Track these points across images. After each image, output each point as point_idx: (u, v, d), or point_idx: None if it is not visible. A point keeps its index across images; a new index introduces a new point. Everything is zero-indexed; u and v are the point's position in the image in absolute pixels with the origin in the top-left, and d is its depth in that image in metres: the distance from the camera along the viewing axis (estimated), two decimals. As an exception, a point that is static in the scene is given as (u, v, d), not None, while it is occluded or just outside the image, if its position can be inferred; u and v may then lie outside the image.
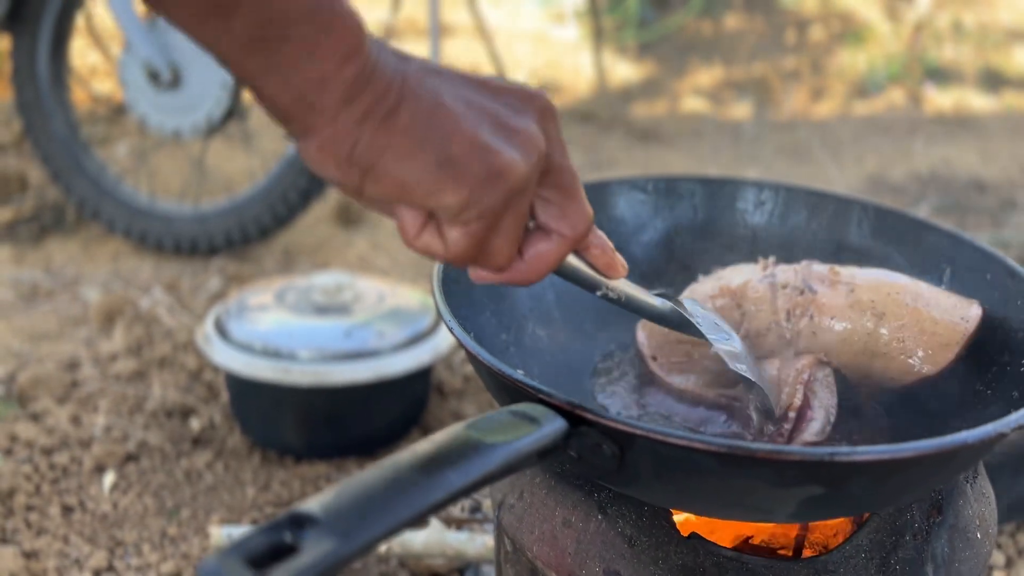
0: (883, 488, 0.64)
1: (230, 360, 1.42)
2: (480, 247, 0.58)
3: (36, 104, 2.31)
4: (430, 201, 0.55)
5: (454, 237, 0.57)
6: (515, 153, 0.55)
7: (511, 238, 0.58)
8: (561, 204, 0.60)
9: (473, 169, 0.54)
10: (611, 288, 0.69)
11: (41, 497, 1.38)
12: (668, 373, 0.87)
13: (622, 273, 0.69)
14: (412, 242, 0.58)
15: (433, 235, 0.58)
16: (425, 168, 0.54)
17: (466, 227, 0.56)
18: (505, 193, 0.55)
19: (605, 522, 0.74)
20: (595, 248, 0.66)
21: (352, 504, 0.49)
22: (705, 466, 0.61)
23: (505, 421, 0.60)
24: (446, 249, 0.58)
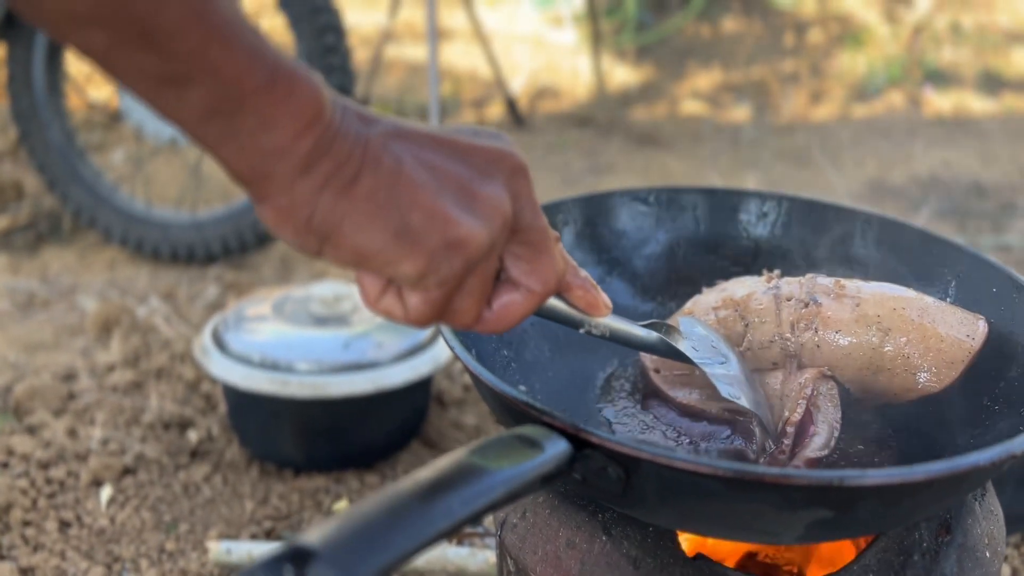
0: (892, 510, 0.63)
1: (228, 372, 1.41)
2: (441, 310, 0.58)
3: (32, 112, 2.29)
4: (388, 270, 0.55)
5: (414, 303, 0.57)
6: (475, 222, 0.55)
7: (475, 299, 0.58)
8: (530, 260, 0.60)
9: (432, 239, 0.54)
10: (594, 325, 0.69)
11: (38, 512, 1.37)
12: (671, 386, 0.86)
13: (605, 313, 0.68)
14: (373, 305, 0.58)
15: (394, 299, 0.58)
16: (383, 237, 0.53)
17: (426, 293, 0.56)
18: (464, 262, 0.55)
19: (610, 543, 0.73)
20: (577, 289, 0.66)
21: (353, 537, 0.48)
22: (711, 490, 0.60)
23: (508, 445, 0.59)
24: (406, 313, 0.58)
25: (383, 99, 3.51)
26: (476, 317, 0.59)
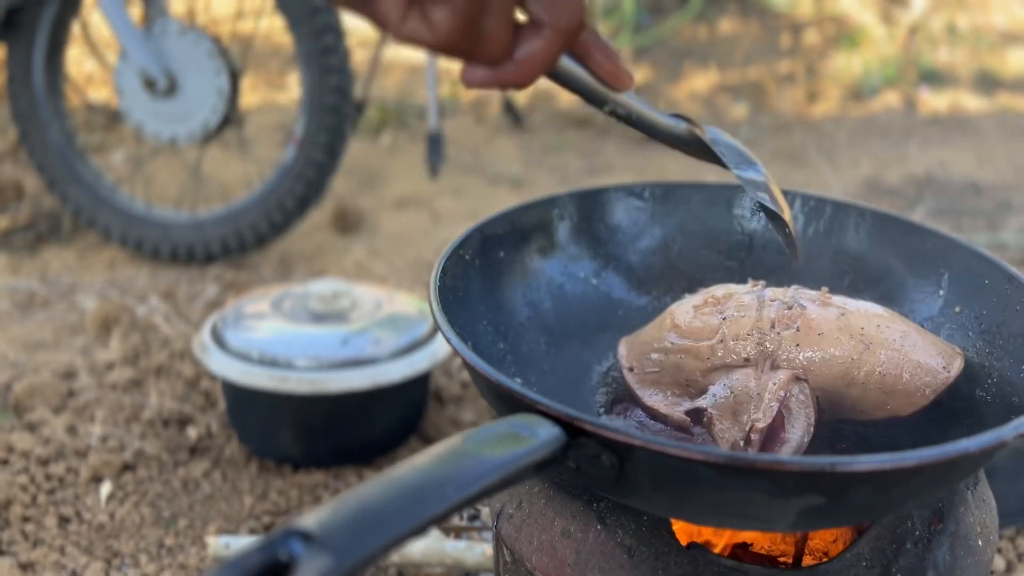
0: (884, 497, 0.64)
1: (227, 369, 1.42)
2: (469, 30, 0.54)
3: (32, 113, 2.30)
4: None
5: (440, 17, 0.53)
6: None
7: (502, 18, 0.55)
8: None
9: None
10: (618, 103, 0.65)
11: (37, 508, 1.37)
12: (640, 386, 0.85)
13: (629, 84, 0.64)
14: (398, 29, 0.54)
15: (418, 20, 0.54)
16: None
17: (451, 4, 0.53)
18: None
19: (604, 532, 0.74)
20: (597, 53, 0.62)
21: (348, 520, 0.48)
22: (704, 477, 0.61)
23: (502, 433, 0.60)
24: (434, 33, 0.54)
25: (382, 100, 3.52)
26: (504, 44, 0.55)
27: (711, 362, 0.82)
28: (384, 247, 2.44)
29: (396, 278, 2.24)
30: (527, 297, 0.95)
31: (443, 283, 0.81)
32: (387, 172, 2.98)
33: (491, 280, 0.92)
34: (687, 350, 0.84)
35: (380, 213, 2.65)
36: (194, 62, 2.08)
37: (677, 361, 0.84)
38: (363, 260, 2.34)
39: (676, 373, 0.84)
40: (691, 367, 0.83)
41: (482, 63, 0.57)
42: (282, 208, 2.16)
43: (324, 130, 2.11)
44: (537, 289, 0.96)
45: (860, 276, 0.98)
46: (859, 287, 0.98)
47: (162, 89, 2.10)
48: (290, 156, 2.15)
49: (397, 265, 2.33)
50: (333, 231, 2.53)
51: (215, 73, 2.08)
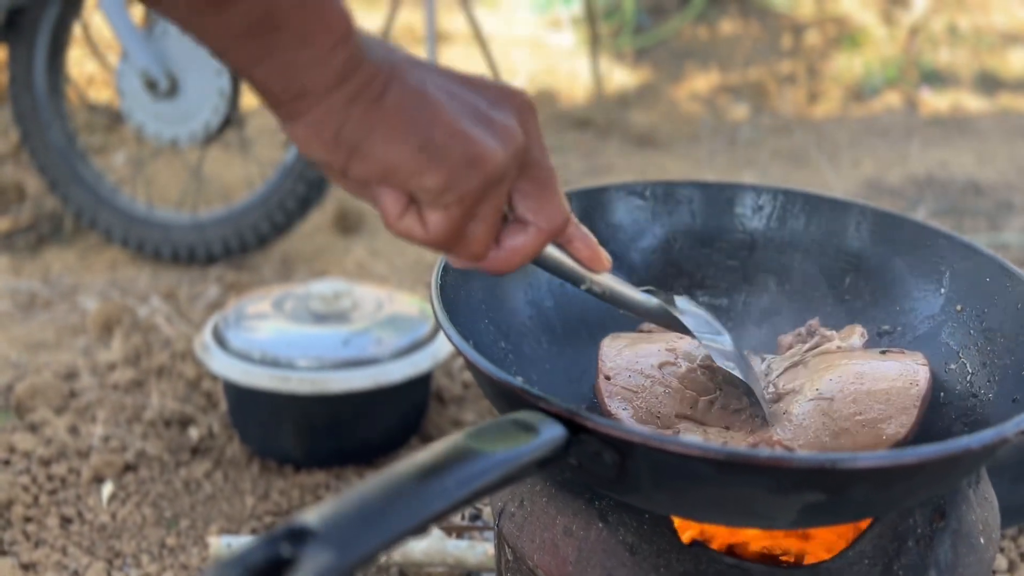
0: (885, 494, 0.64)
1: (229, 369, 1.42)
2: (458, 232, 0.60)
3: (33, 114, 2.30)
4: (411, 183, 0.57)
5: (434, 220, 0.59)
6: (494, 142, 0.58)
7: (488, 226, 0.61)
8: (538, 198, 0.62)
9: (454, 154, 0.56)
10: (595, 282, 0.70)
11: (39, 508, 1.37)
12: (611, 396, 0.85)
13: (606, 267, 0.70)
14: (393, 225, 0.60)
15: (414, 219, 0.60)
16: (408, 151, 0.56)
17: (446, 211, 0.58)
18: (483, 179, 0.58)
19: (606, 530, 0.74)
20: (578, 242, 0.68)
21: (350, 516, 0.48)
22: (704, 474, 0.61)
23: (504, 429, 0.60)
24: (426, 232, 0.60)
25: (382, 101, 3.52)
26: (486, 247, 0.62)
27: (692, 412, 0.84)
28: (385, 248, 2.44)
29: (397, 278, 2.24)
30: (528, 296, 0.95)
31: (444, 282, 0.81)
32: (388, 173, 2.98)
33: (492, 279, 0.92)
34: (676, 390, 0.85)
35: (381, 214, 2.65)
36: (195, 63, 2.09)
37: (660, 393, 0.85)
38: (364, 260, 2.35)
39: (652, 402, 0.84)
40: (670, 405, 0.84)
41: (464, 259, 0.63)
42: (283, 209, 2.16)
43: (325, 131, 2.11)
44: (538, 288, 0.96)
45: (861, 275, 0.98)
46: (860, 286, 0.98)
47: (163, 90, 2.10)
48: (291, 157, 2.15)
49: (398, 265, 2.33)
50: (334, 232, 2.53)
51: (216, 74, 2.08)
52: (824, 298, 1.00)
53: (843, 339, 0.91)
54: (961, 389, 0.85)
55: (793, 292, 1.01)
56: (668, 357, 0.88)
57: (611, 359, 0.88)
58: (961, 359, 0.87)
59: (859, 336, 0.91)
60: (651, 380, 0.86)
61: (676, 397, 0.84)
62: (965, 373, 0.86)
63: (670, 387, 0.85)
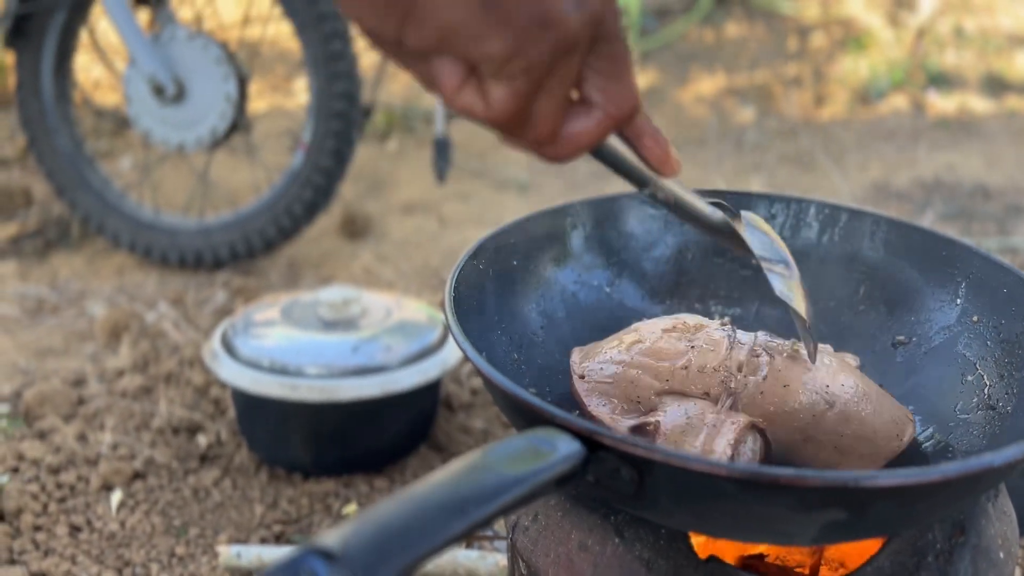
0: (906, 511, 0.63)
1: (237, 376, 1.41)
2: (523, 109, 0.54)
3: (40, 119, 2.31)
4: (473, 49, 0.51)
5: (497, 95, 0.53)
6: (568, 3, 0.51)
7: (557, 103, 0.54)
8: (610, 77, 0.56)
9: (521, 14, 0.50)
10: (660, 187, 0.64)
11: (48, 516, 1.37)
12: (588, 395, 0.84)
13: (676, 170, 0.64)
14: (452, 99, 0.54)
15: (474, 93, 0.54)
16: (469, 9, 0.50)
17: (510, 83, 0.52)
18: (553, 47, 0.51)
19: (622, 545, 0.73)
20: (648, 138, 0.62)
21: (370, 539, 0.48)
22: (725, 491, 0.60)
23: (522, 448, 0.59)
24: (487, 108, 0.54)
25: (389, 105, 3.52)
26: (553, 128, 0.55)
27: (669, 384, 0.82)
28: (392, 252, 2.43)
29: (404, 283, 2.24)
30: (541, 307, 0.94)
31: (458, 294, 0.81)
32: (394, 177, 2.98)
33: (505, 290, 0.91)
34: (647, 367, 0.83)
35: (388, 218, 2.65)
36: (202, 68, 2.09)
37: (634, 376, 0.83)
38: (371, 265, 2.34)
39: (629, 388, 0.83)
40: (647, 385, 0.82)
41: (527, 143, 0.57)
42: (290, 214, 2.16)
43: (332, 136, 2.11)
44: (551, 299, 0.96)
45: (875, 284, 0.98)
46: (874, 296, 0.98)
47: (170, 95, 2.10)
48: (298, 162, 2.15)
49: (405, 270, 2.32)
50: (341, 236, 2.53)
51: (223, 79, 2.08)
52: (838, 308, 0.99)
53: None
54: (978, 401, 0.84)
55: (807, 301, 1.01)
56: (634, 336, 0.87)
57: (581, 361, 0.87)
58: (978, 371, 0.86)
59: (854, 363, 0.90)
60: (622, 365, 0.84)
61: (650, 374, 0.82)
62: (982, 385, 0.85)
63: (642, 366, 0.83)
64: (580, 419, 0.62)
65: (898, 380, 0.90)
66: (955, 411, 0.85)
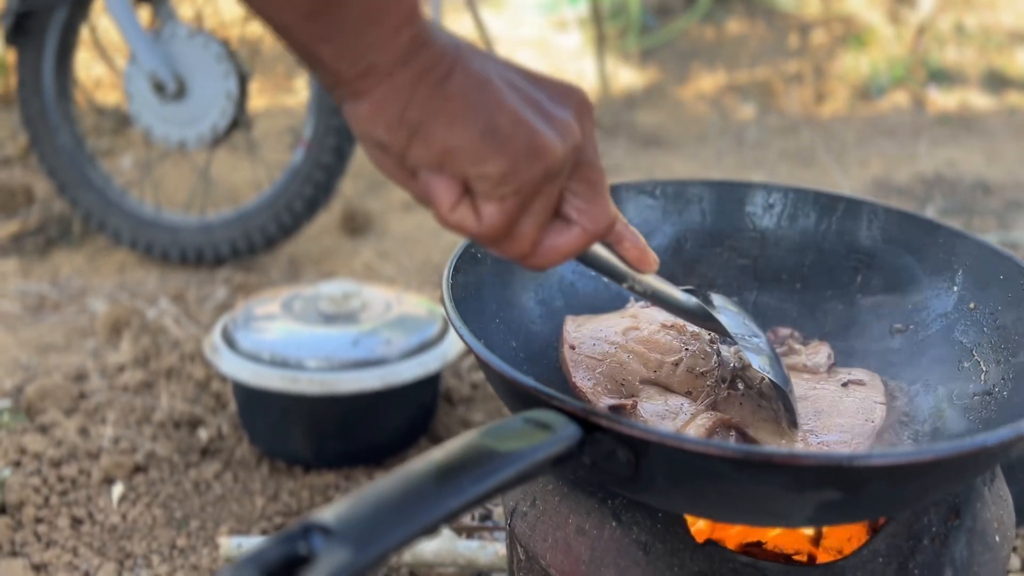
0: (901, 492, 0.64)
1: (238, 370, 1.42)
2: (511, 226, 0.59)
3: (42, 117, 2.31)
4: (472, 169, 0.57)
5: (489, 212, 0.58)
6: (555, 136, 0.58)
7: (539, 222, 0.60)
8: (587, 199, 0.62)
9: (516, 143, 0.56)
10: (637, 281, 0.70)
11: (50, 509, 1.38)
12: (575, 365, 0.86)
13: (653, 268, 0.70)
14: (446, 216, 0.59)
15: (468, 210, 0.59)
16: (472, 135, 0.56)
17: (501, 202, 0.58)
18: (542, 172, 0.57)
19: (619, 529, 0.73)
20: (627, 242, 0.67)
21: (366, 514, 0.48)
22: (721, 472, 0.60)
23: (519, 428, 0.60)
24: (479, 224, 0.59)
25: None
26: (534, 243, 0.61)
27: (656, 375, 0.85)
28: (392, 248, 2.44)
29: (405, 279, 2.24)
30: (539, 295, 0.95)
31: (455, 281, 0.81)
32: (395, 174, 2.98)
33: (503, 278, 0.92)
34: (639, 354, 0.86)
35: (388, 215, 2.66)
36: (203, 65, 2.09)
37: (624, 359, 0.86)
38: (372, 262, 2.35)
39: (617, 370, 0.85)
40: (634, 370, 0.85)
41: (510, 255, 0.62)
42: (291, 210, 2.16)
43: (332, 132, 2.11)
44: (549, 287, 0.96)
45: (873, 273, 0.98)
46: (872, 284, 0.98)
47: (171, 93, 2.11)
48: (299, 158, 2.15)
49: (405, 266, 2.33)
50: (341, 233, 2.53)
51: (224, 76, 2.09)
52: (836, 296, 0.99)
53: (809, 356, 0.91)
54: (975, 387, 0.84)
55: (804, 291, 1.01)
56: (631, 323, 0.89)
57: (574, 331, 0.89)
58: (975, 357, 0.86)
59: (826, 357, 0.91)
60: (615, 346, 0.87)
61: (640, 361, 0.85)
62: (979, 371, 0.85)
63: (634, 352, 0.86)
64: (577, 401, 0.62)
65: (895, 367, 0.91)
66: (952, 396, 0.85)
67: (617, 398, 0.83)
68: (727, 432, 0.78)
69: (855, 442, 0.79)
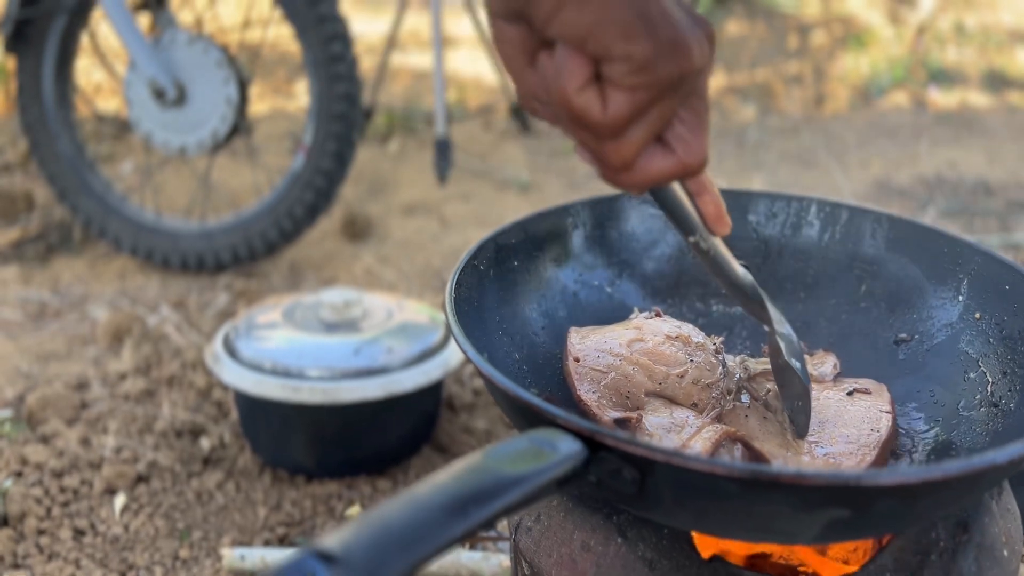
0: (909, 509, 0.63)
1: (240, 379, 1.41)
2: (629, 123, 0.58)
3: (42, 123, 2.31)
4: (617, 47, 0.56)
5: (617, 100, 0.57)
6: (696, 42, 0.57)
7: (652, 130, 0.59)
8: (691, 128, 0.61)
9: (664, 33, 0.56)
10: (706, 239, 0.69)
11: (52, 521, 1.37)
12: (580, 378, 0.86)
13: (727, 231, 0.69)
14: (573, 97, 0.58)
15: (595, 94, 0.58)
16: (626, 13, 0.55)
17: (632, 93, 0.57)
18: (679, 70, 0.57)
19: (625, 546, 0.73)
20: (708, 196, 0.67)
21: (370, 541, 0.48)
22: (727, 491, 0.60)
23: (523, 448, 0.59)
24: (604, 111, 0.58)
25: (389, 107, 3.52)
26: (637, 156, 0.60)
27: (661, 387, 0.84)
28: (393, 253, 2.43)
29: (406, 284, 2.24)
30: (542, 307, 0.94)
31: (458, 295, 0.81)
32: (395, 178, 2.98)
33: (506, 290, 0.91)
34: (644, 367, 0.85)
35: (389, 219, 2.65)
36: (203, 71, 2.09)
37: (629, 371, 0.85)
38: (372, 267, 2.34)
39: (622, 382, 0.85)
40: (639, 383, 0.84)
41: (606, 161, 0.61)
42: (291, 216, 2.16)
43: (333, 138, 2.11)
44: (552, 298, 0.96)
45: (877, 282, 0.98)
46: (876, 293, 0.97)
47: (171, 99, 2.10)
48: (299, 164, 2.15)
49: (406, 271, 2.32)
50: (342, 238, 2.53)
51: (224, 82, 2.08)
52: (840, 305, 0.99)
53: (815, 366, 0.91)
54: (981, 398, 0.84)
55: (808, 300, 1.01)
56: (635, 334, 0.88)
57: (579, 343, 0.89)
58: (981, 368, 0.86)
59: (832, 366, 0.91)
60: (620, 359, 0.86)
61: (645, 373, 0.85)
62: (985, 383, 0.85)
63: (639, 364, 0.85)
64: (582, 419, 0.62)
65: (900, 377, 0.90)
66: (958, 408, 0.84)
67: (622, 411, 0.82)
68: (733, 445, 0.78)
69: (861, 453, 0.79)
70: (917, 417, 0.86)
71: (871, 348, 0.95)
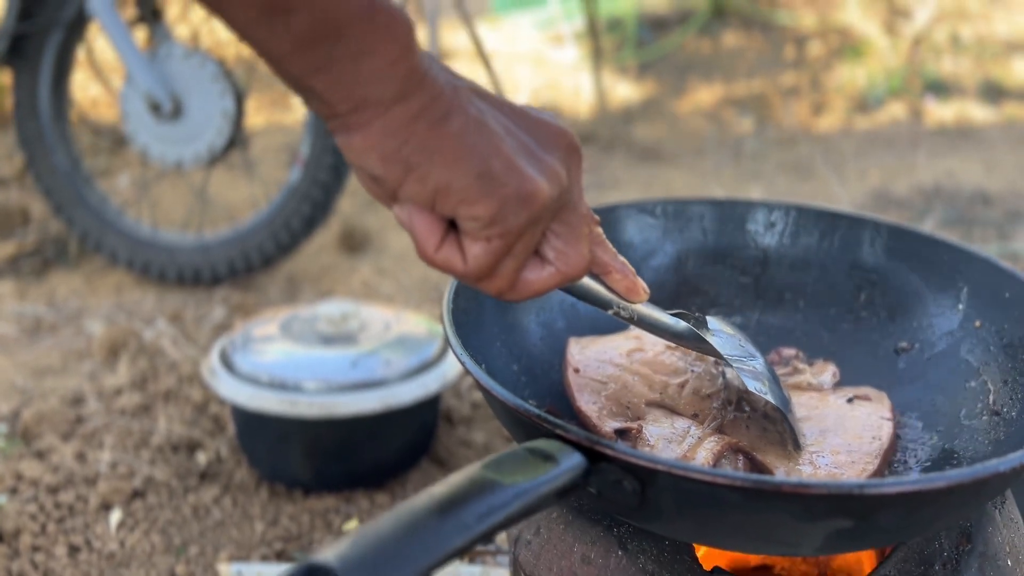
0: (912, 519, 0.62)
1: (236, 393, 1.41)
2: (497, 263, 0.60)
3: (38, 137, 2.31)
4: (462, 209, 0.57)
5: (475, 252, 0.59)
6: (544, 181, 0.59)
7: (519, 263, 0.61)
8: (565, 240, 0.63)
9: (508, 187, 0.57)
10: (624, 307, 0.70)
11: (47, 537, 1.36)
12: (580, 389, 0.85)
13: (644, 297, 0.70)
14: (431, 255, 0.60)
15: (453, 250, 0.60)
16: (468, 177, 0.56)
17: (487, 244, 0.59)
18: (529, 216, 0.58)
19: (626, 558, 0.72)
20: (616, 273, 0.68)
21: (368, 554, 0.47)
22: (729, 501, 0.59)
23: (522, 459, 0.59)
24: (464, 264, 0.60)
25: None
26: (512, 282, 0.62)
27: (661, 397, 0.84)
28: (391, 266, 2.43)
29: (403, 297, 2.23)
30: (540, 317, 0.94)
31: (456, 306, 0.80)
32: (393, 191, 2.97)
33: (505, 304, 0.91)
34: (644, 376, 0.85)
35: (386, 232, 2.65)
36: (199, 85, 2.09)
37: (629, 381, 0.85)
38: (370, 279, 2.34)
39: (622, 392, 0.84)
40: (639, 393, 0.84)
41: (486, 291, 0.63)
42: (288, 229, 2.16)
43: (329, 151, 2.11)
44: (549, 309, 0.95)
45: (877, 291, 0.97)
46: (876, 302, 0.97)
47: (167, 112, 2.10)
48: (296, 177, 2.14)
49: (404, 284, 2.32)
50: (339, 251, 2.52)
51: (220, 95, 2.08)
52: (839, 315, 0.98)
53: (815, 375, 0.90)
54: (982, 407, 0.83)
55: (807, 309, 1.00)
56: (635, 344, 0.89)
57: (578, 353, 0.89)
58: (982, 376, 0.85)
59: (831, 375, 0.90)
60: (620, 368, 0.86)
61: (645, 383, 0.84)
62: (986, 391, 0.84)
63: (639, 374, 0.85)
64: (581, 430, 0.61)
65: (901, 386, 0.89)
66: (959, 417, 0.84)
67: (623, 421, 0.82)
68: (735, 456, 0.77)
69: (863, 462, 0.78)
70: (918, 426, 0.86)
71: (871, 357, 0.94)
